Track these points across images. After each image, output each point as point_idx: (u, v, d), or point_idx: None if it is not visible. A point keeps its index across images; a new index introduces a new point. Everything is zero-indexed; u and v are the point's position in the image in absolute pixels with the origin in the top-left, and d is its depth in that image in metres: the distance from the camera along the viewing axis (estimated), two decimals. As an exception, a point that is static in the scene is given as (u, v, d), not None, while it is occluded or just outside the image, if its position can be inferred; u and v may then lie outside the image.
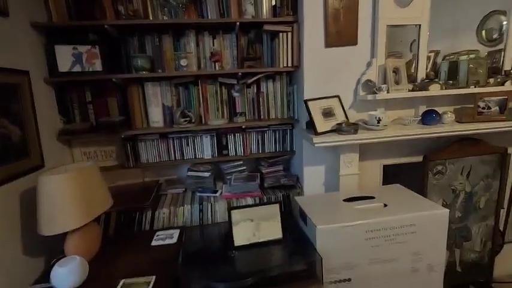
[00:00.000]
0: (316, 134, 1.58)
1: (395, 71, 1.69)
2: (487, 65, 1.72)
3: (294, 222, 1.62)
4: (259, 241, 1.33)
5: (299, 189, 1.88)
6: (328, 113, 1.67)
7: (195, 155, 1.94)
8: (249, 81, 1.84)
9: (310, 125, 1.72)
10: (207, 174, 1.91)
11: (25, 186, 1.33)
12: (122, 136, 1.77)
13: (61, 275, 1.11)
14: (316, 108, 1.64)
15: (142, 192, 1.89)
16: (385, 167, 1.92)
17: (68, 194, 1.18)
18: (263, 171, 2.02)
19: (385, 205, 1.44)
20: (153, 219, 1.71)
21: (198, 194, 1.87)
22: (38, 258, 1.38)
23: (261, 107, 1.92)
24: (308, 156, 1.83)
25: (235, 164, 2.02)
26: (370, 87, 1.72)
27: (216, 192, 1.86)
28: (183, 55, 1.76)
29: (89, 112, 1.78)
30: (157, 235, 1.53)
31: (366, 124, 1.69)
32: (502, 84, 1.70)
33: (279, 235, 1.35)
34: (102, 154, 1.87)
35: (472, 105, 1.73)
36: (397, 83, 1.69)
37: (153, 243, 1.47)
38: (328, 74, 1.72)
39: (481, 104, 1.71)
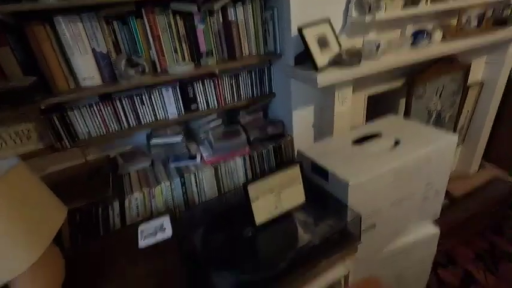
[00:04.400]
0: (317, 70, 1.30)
1: (389, -18, 1.43)
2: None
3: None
4: (283, 212, 1.10)
5: (288, 137, 1.65)
6: (322, 43, 1.37)
7: (156, 116, 1.47)
8: (217, 5, 1.35)
9: (301, 60, 1.42)
10: (178, 138, 1.50)
11: None
12: (42, 107, 1.17)
13: None
14: (312, 38, 1.31)
15: (92, 176, 1.40)
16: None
17: (2, 222, 0.69)
18: (242, 121, 1.70)
19: (397, 142, 1.33)
20: (123, 211, 1.31)
21: (173, 164, 1.47)
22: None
23: (234, 42, 1.48)
24: (296, 97, 1.56)
25: (209, 119, 1.64)
26: (362, 5, 1.43)
27: (194, 158, 1.50)
28: (109, -33, 1.13)
29: (-33, 75, 1.09)
30: (142, 231, 1.17)
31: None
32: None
33: (302, 199, 1.14)
34: (13, 137, 1.24)
35: (456, 20, 1.64)
36: (391, -2, 1.45)
37: (141, 244, 1.11)
38: (318, -10, 1.36)
39: (464, 19, 1.63)
